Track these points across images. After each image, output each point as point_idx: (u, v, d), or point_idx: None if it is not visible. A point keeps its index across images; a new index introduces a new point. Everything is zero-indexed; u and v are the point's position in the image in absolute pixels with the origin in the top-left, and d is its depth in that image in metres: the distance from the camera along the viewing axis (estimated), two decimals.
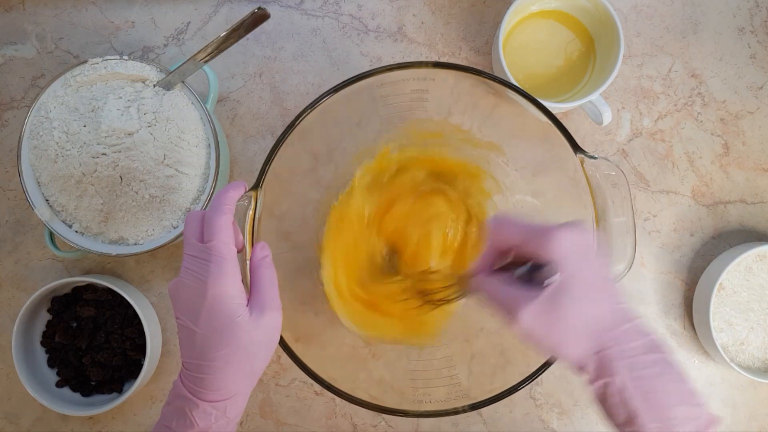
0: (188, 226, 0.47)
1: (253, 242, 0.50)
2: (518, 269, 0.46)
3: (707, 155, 0.73)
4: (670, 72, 0.73)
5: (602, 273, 0.44)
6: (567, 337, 0.43)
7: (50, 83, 0.64)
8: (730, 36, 0.74)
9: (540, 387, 0.72)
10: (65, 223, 0.66)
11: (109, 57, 0.65)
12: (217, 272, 0.44)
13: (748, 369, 0.70)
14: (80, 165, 0.62)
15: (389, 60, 0.73)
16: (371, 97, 0.58)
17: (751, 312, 0.70)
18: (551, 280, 0.42)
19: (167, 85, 0.64)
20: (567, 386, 0.72)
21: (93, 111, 0.63)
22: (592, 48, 0.70)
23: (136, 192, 0.63)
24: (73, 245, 0.65)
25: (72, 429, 0.72)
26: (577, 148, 0.52)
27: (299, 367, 0.53)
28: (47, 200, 0.65)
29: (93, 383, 0.70)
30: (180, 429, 0.45)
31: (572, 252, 0.42)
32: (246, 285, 0.48)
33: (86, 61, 0.64)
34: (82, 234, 0.66)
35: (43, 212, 0.64)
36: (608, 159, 0.51)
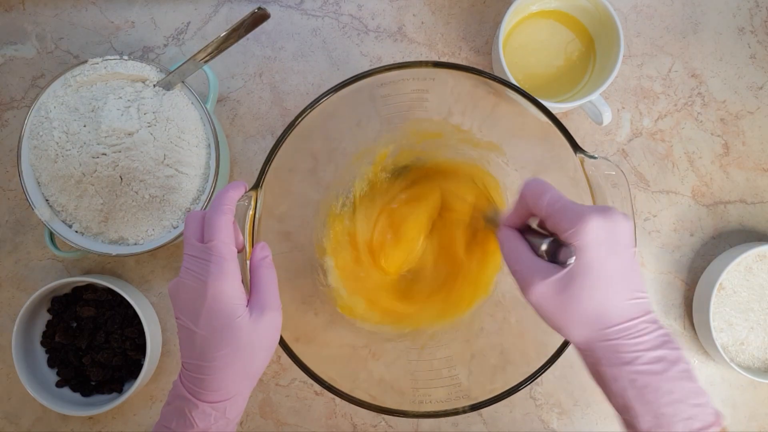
0: (188, 226, 0.46)
1: (253, 242, 0.50)
2: (540, 243, 0.45)
3: (707, 155, 0.73)
4: (670, 72, 0.73)
5: (624, 264, 0.43)
6: (573, 322, 0.43)
7: (50, 83, 0.64)
8: (730, 36, 0.74)
9: (540, 387, 0.72)
10: (65, 223, 0.66)
11: (109, 57, 0.65)
12: (217, 272, 0.44)
13: (748, 369, 0.70)
14: (80, 165, 0.62)
15: (389, 60, 0.73)
16: (371, 97, 0.58)
17: (751, 312, 0.70)
18: (570, 262, 0.42)
19: (167, 85, 0.64)
20: (567, 386, 0.72)
21: (93, 111, 0.63)
22: (592, 48, 0.70)
23: (136, 192, 0.63)
24: (73, 245, 0.65)
25: (72, 429, 0.72)
26: (577, 148, 0.51)
27: (299, 367, 0.53)
28: (47, 200, 0.65)
29: (93, 383, 0.70)
30: (180, 429, 0.45)
31: (600, 240, 0.42)
32: (246, 285, 0.47)
33: (86, 61, 0.64)
34: (82, 234, 0.66)
35: (43, 212, 0.64)
36: (608, 159, 0.51)
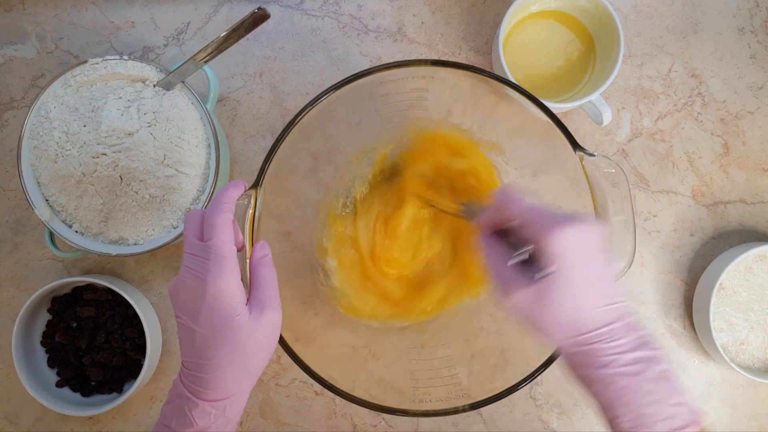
0: (188, 225, 0.46)
1: (253, 241, 0.50)
2: (516, 249, 0.45)
3: (707, 155, 0.73)
4: (670, 72, 0.73)
5: (600, 271, 0.44)
6: (550, 328, 0.44)
7: (50, 83, 0.64)
8: (730, 36, 0.74)
9: (540, 387, 0.72)
10: (65, 223, 0.66)
11: (109, 57, 0.65)
12: (217, 271, 0.44)
13: (748, 369, 0.70)
14: (80, 165, 0.62)
15: (389, 60, 0.73)
16: (371, 96, 0.58)
17: (751, 312, 0.70)
18: (546, 272, 0.42)
19: (167, 85, 0.64)
20: (567, 386, 0.72)
21: (93, 111, 0.63)
22: (592, 48, 0.70)
23: (136, 192, 0.63)
24: (73, 245, 0.65)
25: (72, 429, 0.72)
26: (577, 146, 0.51)
27: (300, 367, 0.53)
28: (47, 200, 0.65)
29: (93, 383, 0.70)
30: (179, 428, 0.45)
31: (572, 249, 0.42)
32: (246, 284, 0.48)
33: (86, 61, 0.64)
34: (82, 234, 0.66)
35: (43, 212, 0.64)
36: (608, 157, 0.51)
